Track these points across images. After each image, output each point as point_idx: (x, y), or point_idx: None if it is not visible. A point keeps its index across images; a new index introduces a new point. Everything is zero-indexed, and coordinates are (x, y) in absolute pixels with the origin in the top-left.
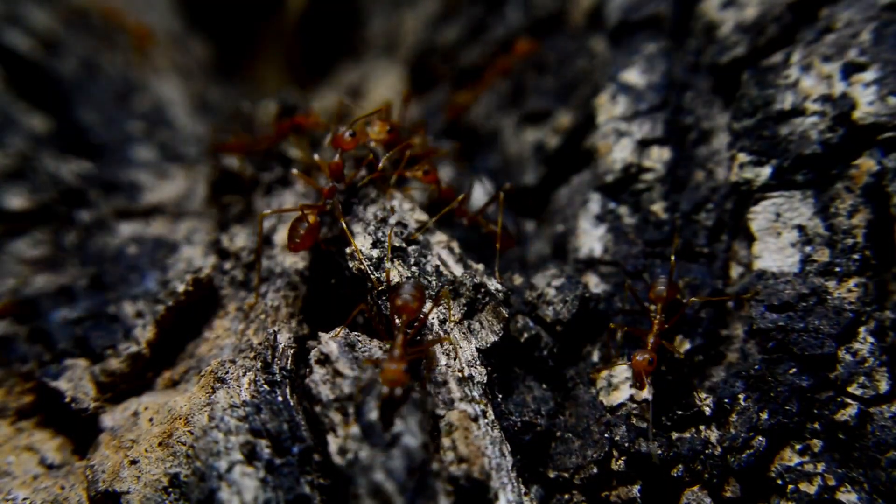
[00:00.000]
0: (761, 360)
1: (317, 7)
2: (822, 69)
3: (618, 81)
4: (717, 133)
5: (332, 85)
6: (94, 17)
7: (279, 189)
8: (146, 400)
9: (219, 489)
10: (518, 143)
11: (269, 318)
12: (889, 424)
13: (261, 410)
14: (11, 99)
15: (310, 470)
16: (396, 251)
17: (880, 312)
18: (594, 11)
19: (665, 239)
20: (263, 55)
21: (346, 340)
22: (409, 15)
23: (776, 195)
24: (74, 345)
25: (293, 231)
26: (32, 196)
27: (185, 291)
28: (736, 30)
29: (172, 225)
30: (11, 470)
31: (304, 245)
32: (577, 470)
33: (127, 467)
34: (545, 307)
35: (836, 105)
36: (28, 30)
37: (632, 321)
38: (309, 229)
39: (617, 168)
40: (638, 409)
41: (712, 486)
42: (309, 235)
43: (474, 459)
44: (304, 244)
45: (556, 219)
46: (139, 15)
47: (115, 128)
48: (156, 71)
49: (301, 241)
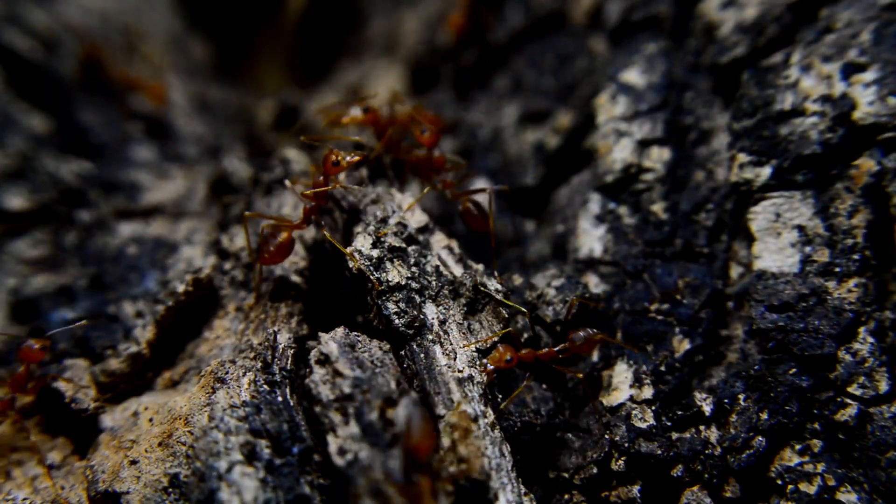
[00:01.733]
0: (761, 360)
1: (317, 7)
2: (822, 69)
3: (618, 81)
4: (717, 133)
5: (332, 85)
6: (112, 82)
7: (279, 189)
8: (146, 400)
9: (219, 489)
10: (518, 143)
11: (269, 318)
12: (889, 424)
13: (261, 411)
14: (11, 99)
15: (310, 470)
16: (396, 251)
17: (880, 312)
18: (594, 11)
19: (665, 239)
20: (263, 55)
21: (346, 340)
22: (409, 15)
23: (776, 195)
24: (74, 345)
25: (264, 244)
26: (32, 196)
27: (185, 291)
28: (736, 30)
29: (172, 225)
30: (11, 470)
31: (274, 260)
32: (577, 470)
33: (127, 467)
34: (545, 307)
35: (836, 105)
36: (28, 30)
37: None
38: (279, 246)
39: (617, 168)
40: (638, 409)
41: (712, 486)
42: (279, 253)
43: (474, 459)
44: (273, 259)
45: (556, 219)
46: (139, 15)
47: (114, 128)
48: (156, 72)
49: (270, 256)
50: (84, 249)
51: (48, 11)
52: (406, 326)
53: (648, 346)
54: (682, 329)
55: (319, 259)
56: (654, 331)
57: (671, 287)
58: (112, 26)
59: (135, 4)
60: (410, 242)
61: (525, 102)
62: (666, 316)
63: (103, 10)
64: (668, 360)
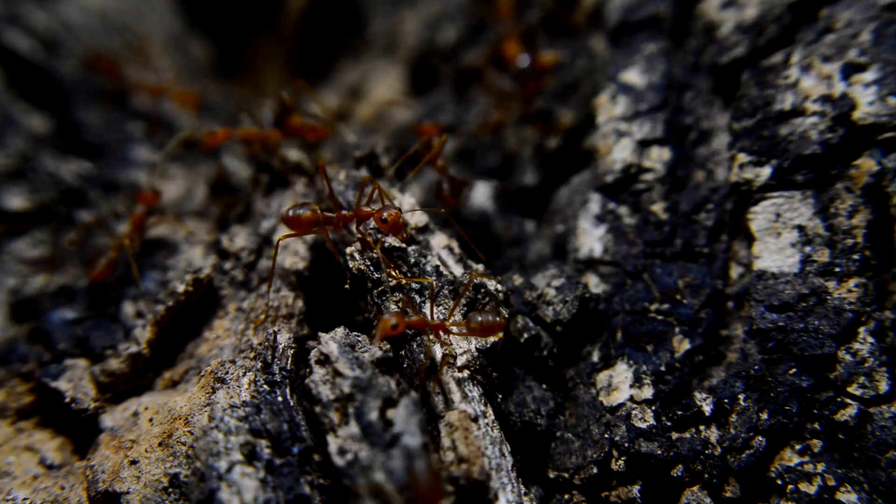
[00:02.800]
0: (761, 360)
1: (317, 7)
2: (822, 69)
3: (618, 81)
4: (717, 133)
5: (333, 85)
6: (139, 94)
7: (279, 189)
8: (146, 400)
9: (219, 489)
10: (518, 143)
11: (269, 318)
12: (889, 424)
13: (261, 411)
14: (11, 99)
15: (310, 470)
16: (396, 251)
17: (880, 312)
18: (594, 11)
19: (665, 239)
20: (263, 55)
21: (346, 340)
22: (409, 15)
23: (776, 195)
24: (74, 345)
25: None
26: (32, 196)
27: (185, 291)
28: (736, 30)
29: (172, 225)
30: (11, 470)
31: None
32: (577, 470)
33: (127, 467)
34: (545, 307)
35: (836, 105)
36: (28, 30)
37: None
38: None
39: (617, 168)
40: (638, 409)
41: (712, 486)
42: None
43: (474, 459)
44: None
45: (556, 219)
46: (139, 15)
47: (114, 128)
48: (156, 72)
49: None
50: (84, 249)
51: (48, 11)
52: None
53: (648, 346)
54: (682, 329)
55: (319, 259)
56: (654, 331)
57: (671, 287)
58: (112, 26)
59: (135, 4)
60: (410, 242)
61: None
62: (666, 316)
63: (103, 10)
64: (668, 360)
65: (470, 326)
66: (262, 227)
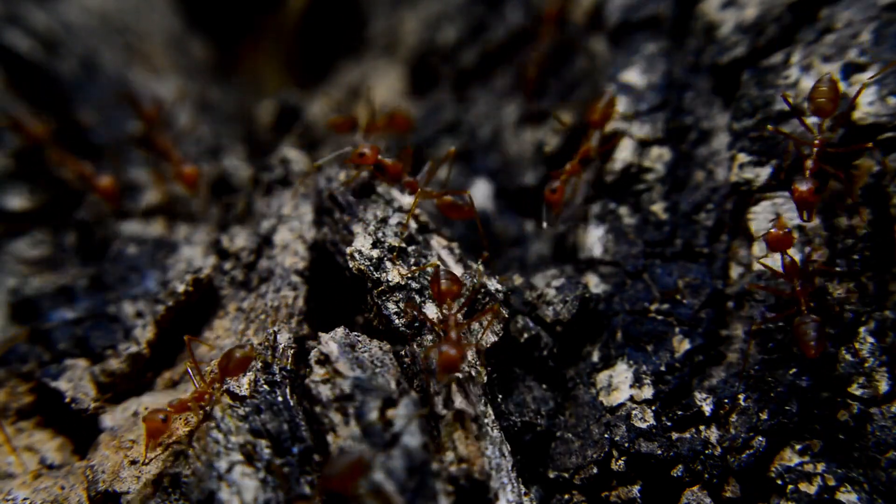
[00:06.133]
0: (761, 360)
1: (317, 7)
2: (823, 69)
3: (618, 81)
4: (717, 133)
5: (332, 85)
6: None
7: (279, 189)
8: (146, 400)
9: (219, 489)
10: (518, 143)
11: (269, 318)
12: (889, 424)
13: (261, 410)
14: (11, 99)
15: (310, 470)
16: (396, 251)
17: (880, 312)
18: (594, 11)
19: (665, 239)
20: (263, 55)
21: (346, 340)
22: (409, 15)
23: (776, 195)
24: (74, 345)
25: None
26: (32, 196)
27: (185, 291)
28: (736, 30)
29: (172, 225)
30: (11, 470)
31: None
32: (577, 470)
33: (127, 467)
34: (545, 307)
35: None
36: (28, 30)
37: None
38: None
39: (617, 168)
40: (638, 409)
41: (712, 486)
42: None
43: (474, 459)
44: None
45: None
46: (139, 15)
47: (114, 128)
48: (156, 71)
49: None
50: (84, 249)
51: (48, 11)
52: (406, 326)
53: (648, 346)
54: (682, 329)
55: (319, 259)
56: (654, 331)
57: (671, 287)
58: (112, 26)
59: (135, 4)
60: (410, 242)
61: (525, 102)
62: (666, 316)
63: (103, 10)
64: (668, 360)
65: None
66: (262, 227)
